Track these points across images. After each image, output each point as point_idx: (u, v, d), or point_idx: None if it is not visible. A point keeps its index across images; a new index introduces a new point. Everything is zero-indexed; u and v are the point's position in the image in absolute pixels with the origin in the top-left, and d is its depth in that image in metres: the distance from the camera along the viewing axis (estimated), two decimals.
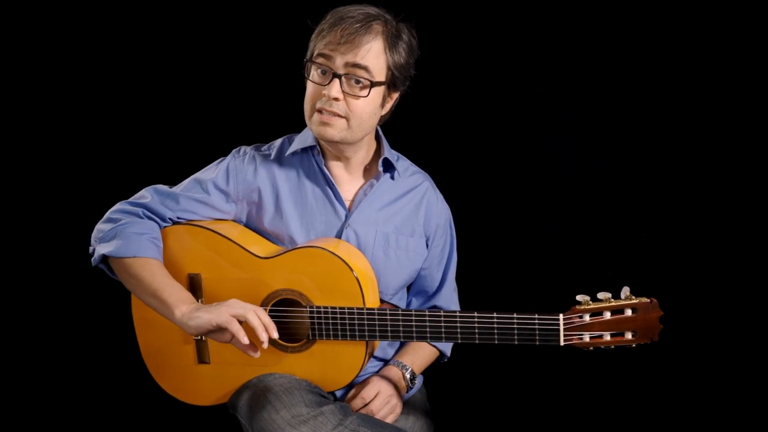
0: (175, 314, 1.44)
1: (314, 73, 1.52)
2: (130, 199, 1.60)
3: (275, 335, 1.42)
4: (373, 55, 1.48)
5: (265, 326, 1.41)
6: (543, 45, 2.22)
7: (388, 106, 1.60)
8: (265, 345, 1.42)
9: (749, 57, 2.07)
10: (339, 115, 1.51)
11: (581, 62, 2.20)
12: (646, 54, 2.15)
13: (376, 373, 1.66)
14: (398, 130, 1.73)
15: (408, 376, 1.67)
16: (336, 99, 1.49)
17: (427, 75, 1.66)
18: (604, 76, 2.19)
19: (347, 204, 1.65)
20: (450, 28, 2.21)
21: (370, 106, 1.53)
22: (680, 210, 2.17)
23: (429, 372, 1.79)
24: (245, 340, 1.39)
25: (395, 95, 1.60)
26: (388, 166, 1.67)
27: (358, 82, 1.49)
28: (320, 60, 1.50)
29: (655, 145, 2.18)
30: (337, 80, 1.48)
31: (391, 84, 1.55)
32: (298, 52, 1.58)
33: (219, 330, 1.41)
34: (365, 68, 1.48)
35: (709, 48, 2.09)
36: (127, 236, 1.51)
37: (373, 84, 1.50)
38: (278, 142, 1.69)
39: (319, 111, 1.52)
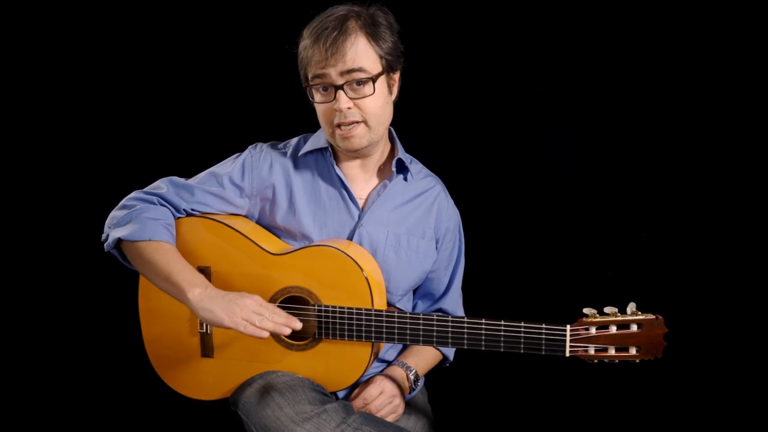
0: (188, 297, 1.45)
1: (317, 95, 1.55)
2: (145, 189, 1.60)
3: (297, 326, 1.45)
4: (361, 53, 1.50)
5: (285, 324, 1.43)
6: (543, 45, 2.21)
7: (395, 88, 1.62)
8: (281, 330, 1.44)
9: (749, 57, 2.07)
10: (357, 122, 1.53)
11: (581, 62, 2.20)
12: (646, 54, 2.15)
13: (380, 372, 1.67)
14: (398, 130, 1.73)
15: (412, 377, 1.68)
16: (348, 108, 1.51)
17: (427, 75, 1.66)
18: (603, 76, 2.19)
19: (360, 203, 1.65)
20: (450, 28, 2.20)
21: (380, 100, 1.55)
22: (680, 210, 2.18)
23: (430, 374, 1.80)
24: (262, 335, 1.42)
25: (396, 76, 1.62)
26: (401, 168, 1.68)
27: (359, 83, 1.51)
28: (317, 81, 1.52)
29: (655, 145, 2.19)
30: (340, 91, 1.51)
31: (388, 69, 1.57)
32: None
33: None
34: (360, 69, 1.50)
35: (709, 48, 2.09)
36: (142, 221, 1.52)
37: (374, 79, 1.52)
38: (294, 140, 1.71)
39: (338, 126, 1.54)
